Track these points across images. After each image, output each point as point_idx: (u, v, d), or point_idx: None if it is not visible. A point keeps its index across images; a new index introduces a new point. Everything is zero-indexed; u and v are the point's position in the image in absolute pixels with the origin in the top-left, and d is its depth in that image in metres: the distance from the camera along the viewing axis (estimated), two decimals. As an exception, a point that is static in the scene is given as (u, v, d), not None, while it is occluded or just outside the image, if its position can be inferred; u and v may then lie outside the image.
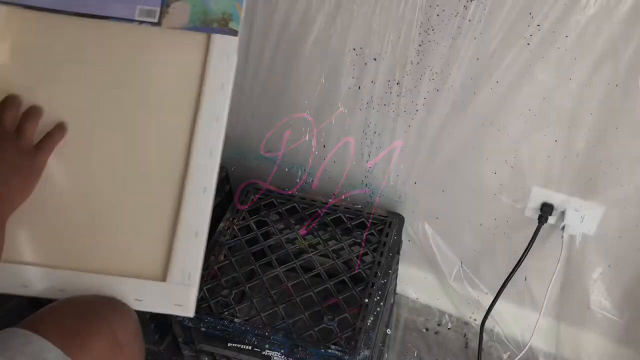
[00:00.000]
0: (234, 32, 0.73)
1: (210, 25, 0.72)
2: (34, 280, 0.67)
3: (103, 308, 0.68)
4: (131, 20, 0.73)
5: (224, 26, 0.73)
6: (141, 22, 0.73)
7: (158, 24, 0.72)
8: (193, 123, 0.70)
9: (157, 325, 0.94)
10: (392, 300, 1.13)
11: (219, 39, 0.72)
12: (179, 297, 0.67)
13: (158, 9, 0.73)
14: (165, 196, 0.69)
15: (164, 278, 0.68)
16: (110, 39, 0.73)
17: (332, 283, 0.89)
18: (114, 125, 0.72)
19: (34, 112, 0.70)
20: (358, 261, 0.92)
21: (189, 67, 0.72)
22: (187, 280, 0.67)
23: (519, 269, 0.97)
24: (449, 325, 1.19)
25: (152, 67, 0.73)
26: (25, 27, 0.73)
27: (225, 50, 0.72)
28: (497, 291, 1.00)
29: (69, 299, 0.67)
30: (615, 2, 0.68)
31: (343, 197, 1.11)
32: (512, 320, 1.12)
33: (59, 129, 0.70)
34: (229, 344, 0.86)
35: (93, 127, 0.72)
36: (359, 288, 0.88)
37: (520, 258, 0.96)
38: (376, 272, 0.90)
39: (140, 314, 0.73)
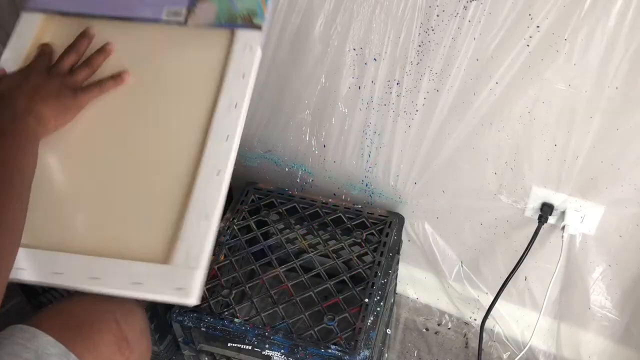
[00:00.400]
0: (257, 27, 0.75)
1: (235, 21, 0.75)
2: (27, 263, 0.63)
3: (110, 304, 0.68)
4: (159, 21, 0.75)
5: (249, 22, 0.75)
6: (168, 21, 0.75)
7: (184, 22, 0.75)
8: (212, 109, 0.71)
9: (157, 325, 0.94)
10: (392, 300, 1.13)
11: (242, 33, 0.74)
12: (180, 280, 0.61)
13: (184, 9, 0.76)
14: (177, 177, 0.68)
15: (166, 260, 0.63)
16: (138, 39, 0.76)
17: (332, 283, 0.89)
18: (132, 110, 0.73)
19: (91, 61, 0.73)
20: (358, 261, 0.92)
21: (212, 59, 0.74)
22: (192, 262, 0.62)
23: (519, 268, 0.97)
24: (449, 325, 1.19)
25: (177, 60, 0.75)
26: (60, 32, 0.76)
27: (249, 43, 0.74)
28: (497, 291, 1.00)
29: (75, 296, 0.66)
30: (615, 4, 0.68)
31: (343, 196, 1.12)
32: (512, 320, 1.12)
33: (113, 79, 0.72)
34: (229, 344, 0.86)
35: (112, 111, 0.73)
36: (359, 288, 0.88)
37: (521, 258, 0.96)
38: (376, 272, 0.90)
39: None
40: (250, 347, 0.85)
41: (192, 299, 0.61)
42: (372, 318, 0.84)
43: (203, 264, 0.62)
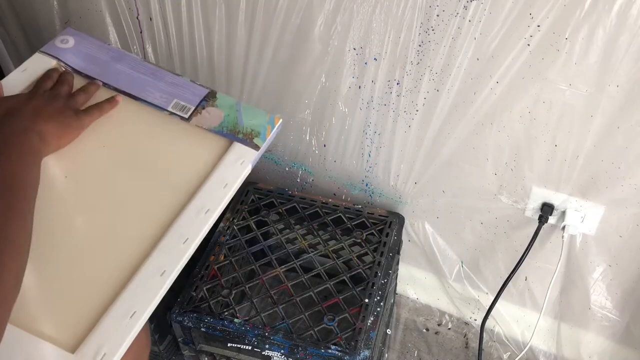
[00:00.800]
0: (255, 147, 0.75)
1: (236, 135, 0.75)
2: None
3: None
4: (164, 110, 0.76)
5: (249, 140, 0.75)
6: (172, 113, 0.76)
7: (188, 119, 0.75)
8: (182, 208, 0.68)
9: (157, 325, 0.94)
10: (392, 300, 1.13)
11: (239, 147, 0.74)
12: None
13: (192, 108, 0.76)
14: (118, 266, 0.64)
15: (73, 349, 0.58)
16: (138, 117, 0.76)
17: (332, 283, 0.89)
18: (105, 182, 0.71)
19: (88, 88, 0.75)
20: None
21: (202, 159, 0.73)
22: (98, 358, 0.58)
23: (519, 269, 0.96)
24: (449, 325, 1.19)
25: (167, 150, 0.74)
26: None
27: (242, 157, 0.74)
28: (497, 291, 1.00)
29: None
30: (616, 4, 0.68)
31: (343, 196, 1.12)
32: (512, 320, 1.12)
33: (109, 101, 0.74)
34: (229, 344, 0.86)
35: (86, 177, 0.71)
36: (359, 288, 0.88)
37: (521, 258, 0.96)
38: (376, 272, 0.90)
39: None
40: (250, 347, 0.84)
41: None
42: (372, 318, 0.84)
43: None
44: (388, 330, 1.11)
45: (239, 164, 0.73)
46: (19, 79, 0.74)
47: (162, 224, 0.67)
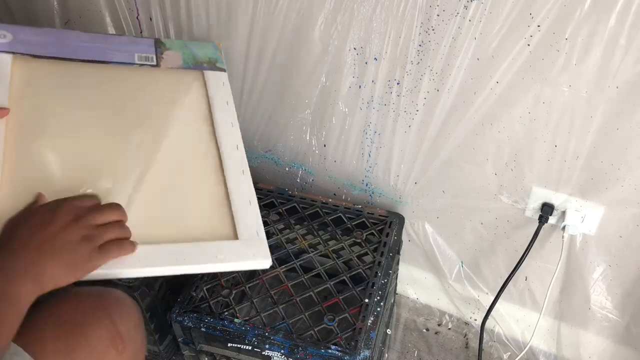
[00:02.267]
0: (222, 69, 0.91)
1: (202, 65, 0.90)
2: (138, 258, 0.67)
3: (103, 300, 0.68)
4: (132, 64, 0.85)
5: (213, 66, 0.91)
6: (142, 64, 0.86)
7: (157, 65, 0.87)
8: (213, 130, 0.83)
9: (157, 325, 0.93)
10: (392, 300, 1.13)
11: (211, 74, 0.90)
12: (254, 250, 0.73)
13: (154, 55, 0.88)
14: (212, 181, 0.78)
15: (236, 237, 0.74)
16: (117, 79, 0.84)
17: (332, 283, 0.89)
18: (151, 146, 0.79)
19: (125, 229, 0.66)
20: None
21: (195, 92, 0.86)
22: (257, 235, 0.74)
23: (519, 269, 0.96)
24: (450, 325, 1.19)
25: (165, 98, 0.84)
26: (32, 72, 0.79)
27: (220, 80, 0.89)
28: (497, 291, 1.00)
29: (67, 294, 0.66)
30: (616, 4, 0.68)
31: (343, 196, 1.12)
32: (512, 320, 1.12)
33: (132, 243, 0.65)
34: (229, 344, 0.86)
35: (130, 150, 0.77)
36: (359, 288, 0.88)
37: (521, 258, 0.96)
38: (376, 272, 0.90)
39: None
40: (250, 348, 0.84)
41: (268, 263, 0.72)
42: (372, 318, 0.84)
43: (263, 235, 0.75)
44: (388, 330, 1.11)
45: (222, 85, 0.88)
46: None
47: (211, 143, 0.82)
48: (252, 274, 0.92)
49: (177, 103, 0.84)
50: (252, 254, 0.72)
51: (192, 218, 0.75)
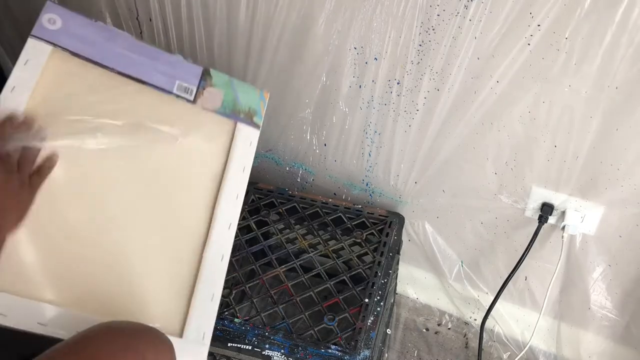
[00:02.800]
0: (257, 126, 0.83)
1: (238, 115, 0.81)
2: (52, 319, 0.66)
3: (135, 339, 0.63)
4: (169, 92, 0.78)
5: (250, 119, 0.82)
6: (178, 96, 0.78)
7: (193, 102, 0.79)
8: (215, 199, 0.77)
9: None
10: (392, 300, 1.13)
11: (243, 127, 0.81)
12: (193, 355, 0.71)
13: (195, 88, 0.79)
14: (186, 260, 0.74)
15: (180, 334, 0.71)
16: (149, 104, 0.77)
17: (332, 283, 0.89)
18: (141, 187, 0.75)
19: (29, 154, 0.70)
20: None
21: (217, 147, 0.80)
22: (202, 339, 0.72)
23: (519, 268, 0.96)
24: (449, 325, 1.19)
25: (184, 140, 0.78)
26: (68, 70, 0.74)
27: (249, 139, 0.81)
28: (497, 291, 1.00)
29: (100, 328, 0.62)
30: (616, 4, 0.68)
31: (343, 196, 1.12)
32: (512, 320, 1.12)
33: (49, 162, 0.70)
34: (229, 344, 0.86)
35: (119, 185, 0.74)
36: (359, 288, 0.88)
37: (521, 258, 0.96)
38: (376, 272, 0.90)
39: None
40: (250, 347, 0.84)
41: None
42: (372, 318, 0.84)
43: (209, 341, 0.72)
44: (388, 330, 1.11)
45: (249, 146, 0.81)
46: (28, 74, 0.72)
47: (206, 213, 0.76)
48: (252, 274, 0.92)
49: (194, 155, 0.78)
50: (188, 358, 0.70)
51: (144, 302, 0.71)
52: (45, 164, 0.70)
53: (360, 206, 1.02)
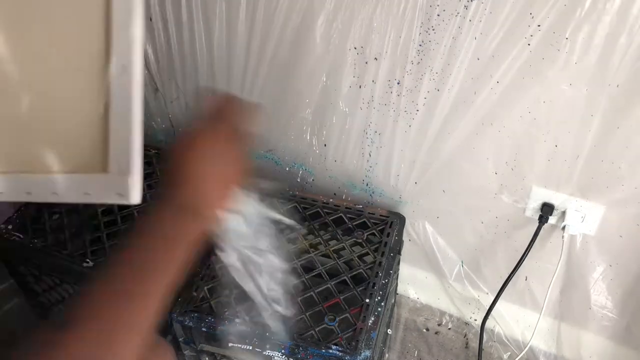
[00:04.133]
0: None
1: None
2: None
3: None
4: None
5: None
6: None
7: None
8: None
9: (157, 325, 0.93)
10: (393, 301, 1.13)
11: None
12: (121, 188, 0.63)
13: None
14: (89, 80, 0.64)
15: (105, 169, 0.64)
16: None
17: (333, 283, 0.89)
18: (28, 20, 0.64)
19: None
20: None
21: None
22: (125, 169, 0.63)
23: (519, 268, 0.96)
24: (450, 325, 1.19)
25: None
26: None
27: None
28: (497, 291, 1.00)
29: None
30: (616, 3, 0.68)
31: (344, 196, 1.12)
32: (512, 320, 1.12)
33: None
34: (229, 344, 0.86)
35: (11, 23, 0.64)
36: (360, 288, 0.88)
37: (521, 258, 0.96)
38: (377, 272, 0.90)
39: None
40: (250, 347, 0.84)
41: (132, 200, 0.63)
42: (373, 318, 0.84)
43: (135, 169, 0.63)
44: (389, 330, 1.11)
45: None
46: None
47: (99, 29, 0.62)
48: (252, 274, 0.92)
49: None
50: (116, 192, 0.63)
51: (62, 146, 0.65)
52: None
53: (361, 206, 1.02)
